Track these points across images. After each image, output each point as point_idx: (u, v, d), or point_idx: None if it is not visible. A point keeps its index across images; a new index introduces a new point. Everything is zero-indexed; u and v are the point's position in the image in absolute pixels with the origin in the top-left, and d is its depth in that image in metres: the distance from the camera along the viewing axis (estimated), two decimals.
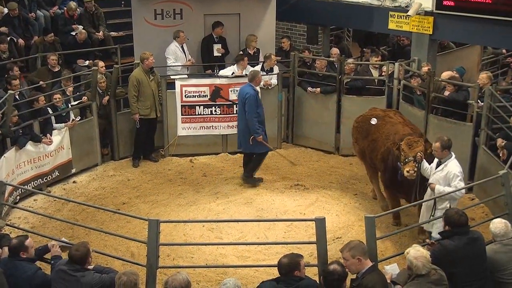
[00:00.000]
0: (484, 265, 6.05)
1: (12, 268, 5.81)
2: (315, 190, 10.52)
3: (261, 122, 10.49)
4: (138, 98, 11.12)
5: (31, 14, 12.88)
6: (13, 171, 9.66)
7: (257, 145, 10.49)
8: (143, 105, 11.18)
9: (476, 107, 10.04)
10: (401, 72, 11.33)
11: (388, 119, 9.37)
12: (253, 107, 10.27)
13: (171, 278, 5.29)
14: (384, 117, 9.46)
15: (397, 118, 9.39)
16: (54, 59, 11.53)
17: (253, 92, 10.33)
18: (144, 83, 11.09)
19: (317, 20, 13.95)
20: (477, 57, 14.60)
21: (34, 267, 5.93)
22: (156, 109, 11.34)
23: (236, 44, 12.98)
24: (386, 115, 9.55)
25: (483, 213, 9.51)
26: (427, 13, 11.70)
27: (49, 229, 9.12)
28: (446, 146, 7.80)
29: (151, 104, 11.23)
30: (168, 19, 12.55)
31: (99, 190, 10.57)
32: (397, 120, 9.29)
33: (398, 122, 9.23)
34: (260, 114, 10.43)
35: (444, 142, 7.79)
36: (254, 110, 10.28)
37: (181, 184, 10.83)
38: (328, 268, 5.53)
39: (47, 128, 10.34)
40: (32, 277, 5.81)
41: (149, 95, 11.17)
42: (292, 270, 5.57)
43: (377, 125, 9.38)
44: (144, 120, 11.29)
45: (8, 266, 5.84)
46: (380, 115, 9.55)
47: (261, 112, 10.49)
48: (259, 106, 10.41)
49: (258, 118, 10.38)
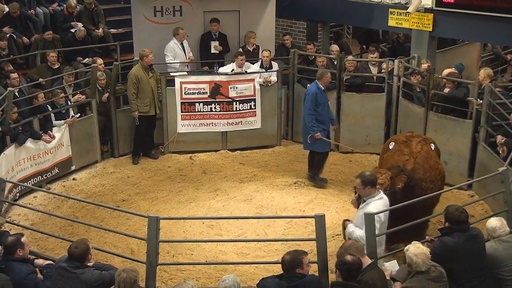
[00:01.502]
0: (484, 262, 6.05)
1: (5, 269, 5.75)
2: (314, 187, 10.53)
3: (321, 121, 10.36)
4: (137, 95, 11.12)
5: (31, 11, 12.86)
6: (12, 168, 9.65)
7: (316, 143, 10.41)
8: (142, 102, 11.17)
9: (476, 104, 10.03)
10: (400, 69, 11.32)
11: (402, 148, 8.31)
12: (310, 105, 10.25)
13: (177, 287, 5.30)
14: (401, 144, 8.39)
15: (412, 148, 8.21)
16: (54, 56, 11.52)
17: (314, 90, 10.30)
18: (143, 80, 11.09)
19: (317, 17, 13.93)
20: (477, 54, 14.60)
21: (27, 270, 5.85)
22: (155, 106, 11.33)
23: (236, 41, 12.97)
24: (406, 141, 8.41)
25: (483, 210, 9.52)
26: (427, 10, 11.69)
27: (49, 226, 9.13)
28: (368, 183, 6.60)
29: (150, 101, 11.23)
30: (168, 16, 12.54)
31: (98, 187, 10.57)
32: (408, 151, 8.19)
33: (407, 153, 8.15)
34: (320, 112, 10.30)
35: (365, 178, 6.62)
36: (310, 107, 10.25)
37: (181, 181, 10.83)
38: (346, 259, 5.45)
39: (46, 125, 10.34)
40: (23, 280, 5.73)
41: (148, 92, 11.16)
42: (294, 267, 5.55)
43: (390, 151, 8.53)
44: (143, 117, 11.29)
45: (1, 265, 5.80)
46: (400, 141, 8.49)
47: (323, 111, 10.37)
48: (320, 104, 10.29)
49: (317, 117, 10.28)
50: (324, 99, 10.44)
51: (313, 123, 10.26)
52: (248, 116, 11.99)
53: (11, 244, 5.87)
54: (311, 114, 10.26)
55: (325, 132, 10.47)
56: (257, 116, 12.03)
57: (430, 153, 8.26)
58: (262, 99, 11.99)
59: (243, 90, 11.86)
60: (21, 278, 5.75)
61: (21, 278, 5.76)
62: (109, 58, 12.81)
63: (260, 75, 11.93)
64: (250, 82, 11.88)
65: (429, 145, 8.39)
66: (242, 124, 11.99)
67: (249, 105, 11.95)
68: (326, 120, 10.50)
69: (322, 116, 10.38)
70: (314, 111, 10.25)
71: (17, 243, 5.88)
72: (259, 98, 11.96)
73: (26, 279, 5.77)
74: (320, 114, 10.33)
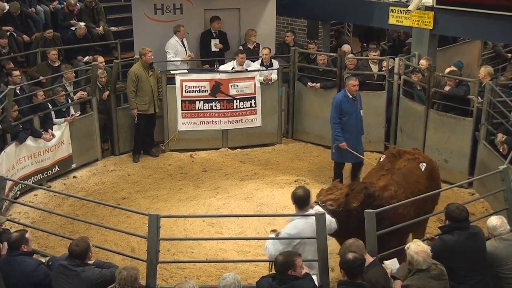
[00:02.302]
0: (484, 260, 6.04)
1: (12, 264, 5.80)
2: (315, 185, 10.50)
3: (346, 130, 9.84)
4: (136, 93, 11.11)
5: (31, 9, 12.86)
6: (13, 166, 9.66)
7: (343, 153, 9.96)
8: (142, 100, 11.16)
9: (477, 102, 10.03)
10: (401, 67, 11.32)
11: (387, 162, 7.84)
12: (333, 113, 9.86)
13: (178, 286, 5.29)
14: (388, 158, 7.92)
15: (396, 164, 7.67)
16: (55, 54, 11.53)
17: (340, 97, 9.87)
18: (142, 79, 11.08)
19: (318, 15, 13.92)
20: (478, 52, 14.58)
21: (35, 262, 5.92)
22: (154, 105, 11.32)
23: (236, 39, 12.96)
24: (396, 156, 7.87)
25: (483, 208, 9.52)
26: (427, 8, 11.68)
27: (50, 224, 9.14)
28: (294, 201, 6.24)
29: (150, 100, 11.22)
30: (168, 14, 12.54)
31: (99, 185, 10.57)
32: (389, 166, 7.68)
33: (387, 168, 7.65)
34: (345, 122, 9.81)
35: (293, 196, 6.27)
36: (334, 115, 9.84)
37: (181, 179, 10.83)
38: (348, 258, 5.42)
39: (47, 123, 10.34)
40: (32, 272, 5.80)
41: (148, 90, 11.15)
42: (287, 269, 5.49)
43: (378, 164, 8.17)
44: (142, 115, 11.28)
45: (8, 262, 5.84)
46: (390, 155, 8.01)
47: (349, 120, 9.84)
48: (346, 114, 9.80)
49: (343, 126, 9.81)
50: (351, 108, 9.84)
51: (337, 132, 9.85)
52: (248, 114, 11.99)
53: (16, 240, 5.91)
54: (335, 123, 9.84)
55: (351, 142, 9.90)
56: (258, 114, 12.03)
57: (414, 171, 7.54)
58: (262, 97, 11.99)
59: (243, 88, 11.86)
60: (31, 270, 5.80)
61: (31, 270, 5.80)
62: (109, 56, 12.81)
63: (261, 73, 11.92)
64: (250, 80, 11.88)
65: (417, 163, 7.67)
66: (243, 122, 11.99)
67: (250, 103, 11.95)
68: (354, 130, 9.91)
69: (348, 125, 9.86)
70: (338, 120, 9.81)
71: (21, 239, 5.92)
72: (259, 96, 11.95)
73: (36, 270, 5.82)
74: (345, 123, 9.84)
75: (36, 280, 5.80)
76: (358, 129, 10.01)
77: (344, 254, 5.53)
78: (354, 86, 9.81)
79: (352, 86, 9.80)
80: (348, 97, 9.83)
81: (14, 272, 5.76)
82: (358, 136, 10.08)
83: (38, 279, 5.81)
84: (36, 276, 5.81)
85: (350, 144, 9.87)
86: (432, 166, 7.86)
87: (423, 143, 10.75)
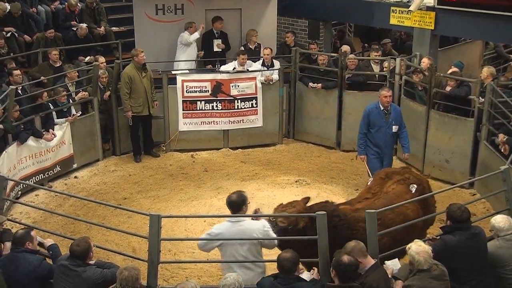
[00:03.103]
0: (485, 261, 6.04)
1: (16, 261, 5.82)
2: (316, 185, 10.53)
3: (375, 144, 9.28)
4: (130, 95, 11.08)
5: (33, 9, 12.87)
6: (14, 166, 9.66)
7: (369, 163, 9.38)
8: (136, 102, 11.11)
9: (478, 103, 10.02)
10: (402, 67, 11.31)
11: (374, 185, 7.48)
12: (361, 122, 9.35)
13: (179, 286, 5.29)
14: (377, 180, 7.54)
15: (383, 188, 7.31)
16: (56, 54, 11.53)
17: (370, 108, 9.33)
18: (136, 80, 11.03)
19: (319, 15, 13.92)
20: (479, 52, 14.58)
21: (38, 258, 5.94)
22: (148, 106, 11.25)
23: (237, 39, 12.96)
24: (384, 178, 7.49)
25: (484, 208, 9.51)
26: (428, 8, 11.67)
27: (51, 224, 9.14)
28: (228, 205, 6.24)
29: (144, 101, 11.15)
30: (169, 14, 12.55)
31: (100, 185, 10.57)
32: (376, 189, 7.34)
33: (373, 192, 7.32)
34: (373, 134, 9.24)
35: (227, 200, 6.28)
36: (362, 125, 9.35)
37: (183, 179, 10.83)
38: (343, 260, 5.40)
39: (48, 123, 10.35)
40: (37, 268, 5.82)
41: (142, 92, 11.09)
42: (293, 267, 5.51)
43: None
44: (137, 117, 11.25)
45: (11, 259, 5.86)
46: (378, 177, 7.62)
47: (378, 133, 9.23)
48: (375, 126, 9.21)
49: (370, 138, 9.28)
50: (380, 120, 9.22)
51: (359, 142, 9.36)
52: (249, 114, 11.99)
53: (20, 237, 5.94)
54: (361, 132, 9.35)
55: (378, 157, 9.30)
56: (259, 114, 12.03)
57: (403, 195, 7.09)
58: (263, 97, 11.99)
59: (244, 88, 11.86)
60: (35, 266, 5.82)
61: (35, 266, 5.82)
62: (110, 56, 12.81)
63: (262, 73, 11.92)
64: (251, 80, 11.88)
65: (407, 185, 7.29)
66: (244, 123, 11.99)
67: (251, 103, 11.95)
68: (381, 144, 9.28)
69: (376, 138, 9.28)
70: (365, 131, 9.30)
71: (26, 236, 5.95)
72: (260, 96, 11.95)
73: (40, 266, 5.84)
74: (373, 136, 9.28)
75: (40, 276, 5.83)
76: (387, 144, 9.35)
77: (340, 255, 5.49)
78: (386, 97, 9.18)
79: (384, 97, 9.19)
80: (379, 108, 9.25)
81: (17, 269, 5.78)
82: (387, 151, 9.38)
83: (41, 274, 5.83)
84: (39, 272, 5.83)
85: (376, 158, 9.31)
86: (424, 187, 7.46)
87: (424, 143, 10.75)
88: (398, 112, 9.42)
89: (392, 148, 9.56)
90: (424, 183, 7.56)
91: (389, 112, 9.25)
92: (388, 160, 9.44)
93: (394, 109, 9.38)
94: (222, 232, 6.09)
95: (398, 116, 9.33)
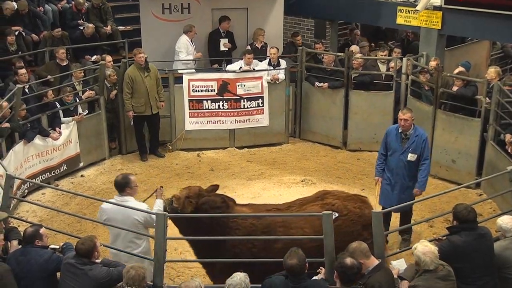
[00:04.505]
0: (492, 261, 6.02)
1: (27, 255, 5.85)
2: (322, 185, 10.50)
3: (389, 169, 8.23)
4: (132, 95, 11.08)
5: (39, 8, 12.91)
6: (21, 165, 9.70)
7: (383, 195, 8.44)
8: (137, 102, 11.10)
9: (485, 103, 9.99)
10: (409, 67, 11.29)
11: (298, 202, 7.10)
12: (382, 142, 8.43)
13: (183, 285, 5.29)
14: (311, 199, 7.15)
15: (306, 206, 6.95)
16: (63, 53, 11.56)
17: (391, 128, 8.40)
18: (137, 80, 11.01)
19: (325, 14, 13.91)
20: (486, 52, 14.53)
21: (49, 251, 5.98)
22: (151, 106, 11.21)
23: (243, 39, 12.96)
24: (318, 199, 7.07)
25: (491, 208, 9.48)
26: (435, 8, 11.64)
27: (57, 222, 9.17)
28: (114, 185, 6.76)
29: (146, 101, 11.12)
30: (176, 13, 12.55)
31: (106, 184, 10.59)
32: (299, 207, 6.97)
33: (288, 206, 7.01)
34: (389, 158, 8.21)
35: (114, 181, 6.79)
36: (381, 145, 8.40)
37: (189, 178, 10.84)
38: (345, 263, 5.41)
39: (55, 122, 10.38)
40: (48, 261, 5.85)
41: (143, 92, 11.07)
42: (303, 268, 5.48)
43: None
44: (139, 117, 11.25)
45: (23, 253, 5.89)
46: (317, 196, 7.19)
47: (392, 158, 8.17)
48: (390, 149, 8.17)
49: (387, 162, 8.26)
50: (396, 144, 8.13)
51: (377, 163, 8.40)
52: (255, 113, 11.99)
53: (30, 235, 5.97)
54: (379, 152, 8.43)
55: (390, 184, 8.26)
56: (265, 113, 12.03)
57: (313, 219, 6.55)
58: (269, 97, 11.98)
59: (251, 88, 11.86)
60: (46, 260, 5.85)
61: (46, 259, 5.85)
62: (117, 55, 12.83)
63: (268, 73, 11.92)
64: (258, 80, 11.88)
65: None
66: (250, 122, 12.00)
67: (257, 103, 11.95)
68: (393, 171, 8.21)
69: (389, 164, 8.24)
70: (383, 152, 8.32)
71: (35, 234, 5.97)
72: (266, 95, 11.95)
73: (50, 260, 5.87)
74: (389, 160, 8.24)
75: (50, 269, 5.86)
76: (398, 172, 8.17)
77: (343, 257, 5.50)
78: (401, 120, 8.03)
79: (399, 119, 8.09)
80: (398, 131, 8.17)
81: (28, 262, 5.81)
82: (398, 180, 8.20)
83: (52, 266, 5.86)
84: (50, 264, 5.85)
85: (387, 184, 8.31)
86: (353, 220, 6.74)
87: (431, 143, 10.72)
88: (421, 140, 8.08)
89: (406, 179, 8.18)
90: (353, 216, 6.78)
91: (407, 137, 8.09)
92: (400, 190, 8.17)
93: (418, 136, 8.09)
94: (107, 208, 6.62)
95: (420, 145, 8.06)
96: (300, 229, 6.59)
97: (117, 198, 6.66)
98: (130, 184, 6.65)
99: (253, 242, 6.51)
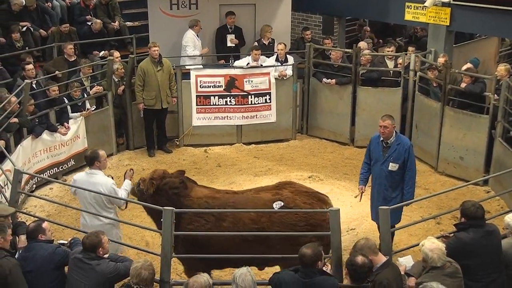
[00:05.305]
0: (499, 259, 6.00)
1: (32, 250, 5.88)
2: (329, 181, 10.51)
3: (373, 178, 7.84)
4: (143, 87, 11.12)
5: (48, 4, 12.94)
6: (29, 160, 9.74)
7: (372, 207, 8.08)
8: (148, 95, 11.16)
9: (493, 99, 9.95)
10: (417, 63, 11.25)
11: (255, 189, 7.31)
12: (366, 151, 8.05)
13: (191, 281, 5.29)
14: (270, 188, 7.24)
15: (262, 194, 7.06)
16: (71, 48, 11.60)
17: (374, 135, 7.83)
18: (149, 73, 11.06)
19: (333, 10, 13.88)
20: (495, 48, 14.47)
21: (53, 245, 6.01)
22: (161, 100, 11.26)
23: (251, 35, 12.95)
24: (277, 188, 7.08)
25: (499, 206, 9.46)
26: (444, 4, 11.60)
27: (65, 217, 9.20)
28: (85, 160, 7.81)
29: (157, 95, 11.17)
30: (184, 9, 12.55)
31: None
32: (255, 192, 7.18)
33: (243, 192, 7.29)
34: (372, 167, 7.80)
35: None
36: (365, 154, 8.03)
37: (196, 174, 10.83)
38: (356, 261, 5.41)
39: (63, 118, 10.41)
40: (53, 254, 5.88)
41: (155, 85, 11.12)
42: (316, 261, 5.49)
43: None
44: (149, 110, 11.29)
45: (28, 250, 5.92)
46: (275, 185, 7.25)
47: (375, 167, 7.75)
48: (373, 158, 7.77)
49: (372, 172, 7.88)
50: (377, 153, 7.68)
51: (361, 172, 8.02)
52: (263, 109, 11.99)
53: (32, 230, 5.99)
54: (363, 161, 8.02)
55: (372, 196, 7.94)
56: (272, 109, 12.03)
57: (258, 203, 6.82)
58: (277, 93, 11.98)
59: (258, 84, 11.86)
60: (51, 253, 5.87)
61: (50, 253, 5.87)
62: (125, 51, 12.87)
63: (276, 69, 11.91)
64: (265, 76, 11.87)
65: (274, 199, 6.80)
66: (257, 118, 12.00)
67: (264, 99, 11.95)
68: (376, 182, 7.79)
69: (373, 173, 7.84)
70: (366, 160, 7.93)
71: (38, 229, 6.00)
72: (274, 91, 11.94)
73: (55, 253, 5.89)
74: (372, 169, 7.84)
75: (56, 261, 5.87)
76: (380, 182, 7.73)
77: (354, 255, 5.50)
78: (380, 126, 7.55)
79: (379, 126, 7.59)
80: (379, 139, 7.69)
81: (34, 257, 5.83)
82: (380, 190, 7.76)
83: (57, 259, 5.88)
84: (55, 257, 5.87)
85: (372, 198, 7.96)
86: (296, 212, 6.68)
87: (439, 140, 10.70)
88: (403, 148, 7.57)
89: (389, 189, 7.71)
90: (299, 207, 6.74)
91: (388, 145, 7.61)
92: (383, 202, 7.44)
93: (400, 144, 7.59)
94: (77, 179, 7.35)
95: (402, 153, 7.55)
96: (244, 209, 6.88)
97: (87, 171, 7.41)
98: (99, 158, 7.36)
99: (206, 219, 6.88)
